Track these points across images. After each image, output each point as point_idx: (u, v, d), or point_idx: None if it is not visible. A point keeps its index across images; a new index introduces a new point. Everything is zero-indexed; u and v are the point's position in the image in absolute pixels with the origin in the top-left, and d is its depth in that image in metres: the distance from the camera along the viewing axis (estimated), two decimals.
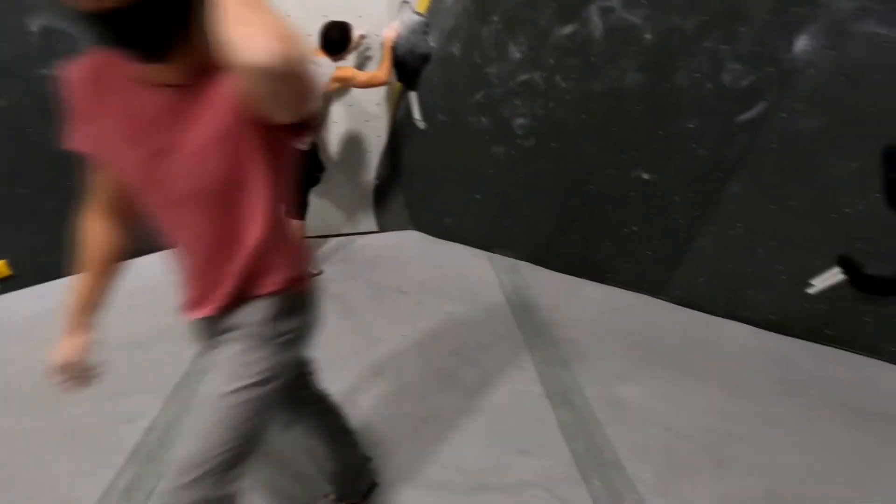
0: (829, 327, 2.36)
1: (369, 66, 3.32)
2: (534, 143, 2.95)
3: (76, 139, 0.96)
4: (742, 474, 1.73)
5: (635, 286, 2.88)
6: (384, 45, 3.04)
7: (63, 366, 1.10)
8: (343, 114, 3.57)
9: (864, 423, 1.96)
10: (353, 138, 3.69)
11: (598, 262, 2.98)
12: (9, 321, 2.64)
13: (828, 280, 2.15)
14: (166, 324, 2.59)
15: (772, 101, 2.15)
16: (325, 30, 2.81)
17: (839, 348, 2.36)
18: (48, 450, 1.82)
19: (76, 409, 1.98)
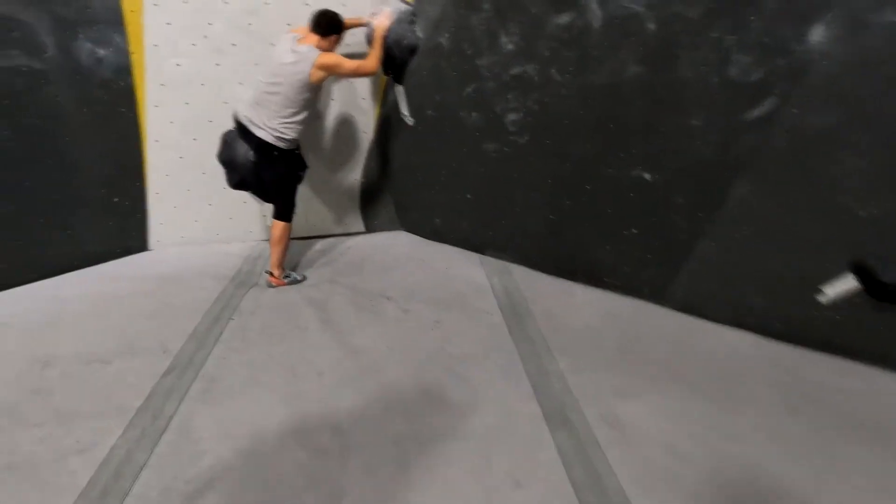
0: (838, 336, 2.23)
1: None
2: (527, 140, 2.78)
3: None
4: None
5: (634, 291, 2.73)
6: (375, 34, 2.85)
7: None
8: (328, 109, 3.38)
9: (876, 439, 1.83)
10: (339, 135, 3.50)
11: (595, 265, 2.83)
12: None
13: (840, 288, 2.02)
14: (131, 336, 2.41)
15: (782, 96, 2.00)
16: (314, 16, 2.67)
17: (849, 359, 2.23)
18: None
19: (22, 436, 1.79)
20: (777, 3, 1.89)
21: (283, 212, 2.95)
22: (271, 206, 3.26)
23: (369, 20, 2.97)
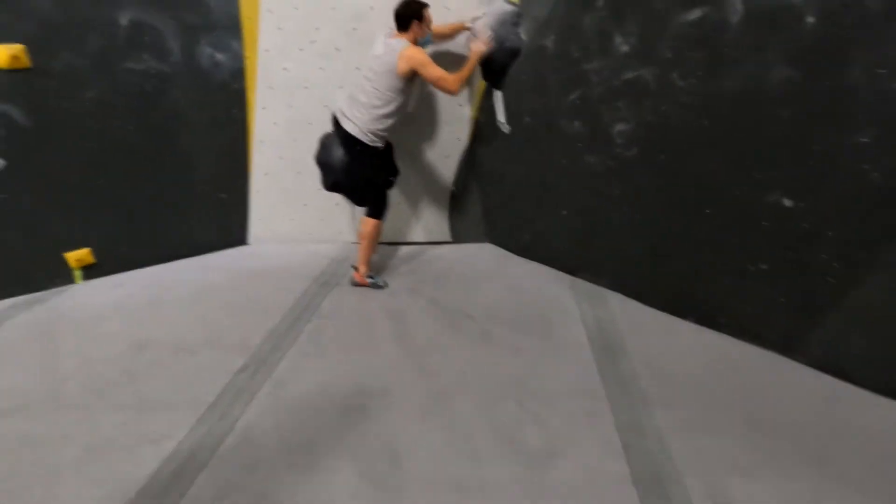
0: None
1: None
2: (636, 153, 2.46)
3: None
4: None
5: (758, 338, 2.28)
6: (471, 56, 2.74)
7: None
8: (422, 114, 3.31)
9: None
10: (433, 141, 3.41)
11: (709, 302, 2.41)
12: (79, 311, 2.69)
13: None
14: (218, 328, 2.49)
15: None
16: (396, 9, 2.65)
17: None
18: (66, 463, 1.70)
19: (109, 419, 1.88)
20: None
21: (373, 210, 2.95)
22: (363, 210, 3.26)
23: (472, 26, 2.84)
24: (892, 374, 1.92)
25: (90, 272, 3.04)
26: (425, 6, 2.63)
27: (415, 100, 3.01)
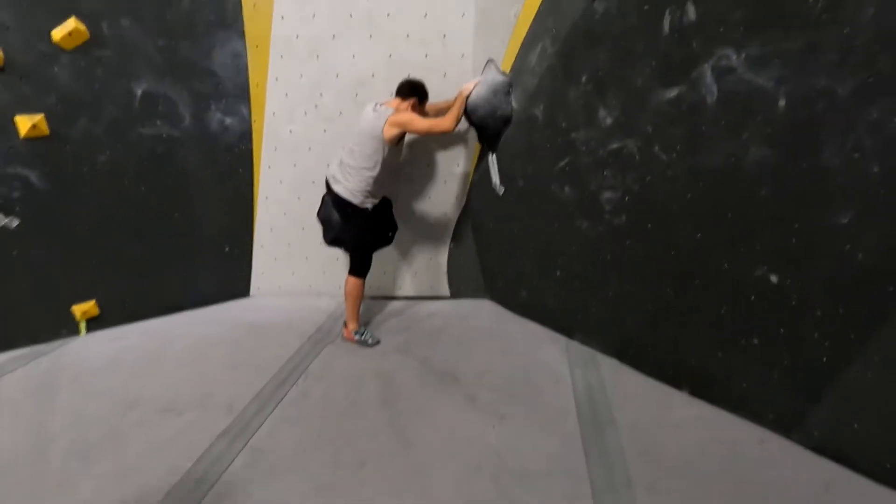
0: None
1: None
2: (624, 221, 2.46)
3: None
4: None
5: (753, 415, 2.19)
6: (459, 95, 2.86)
7: None
8: (421, 173, 3.40)
9: None
10: (432, 197, 3.49)
11: (703, 373, 2.34)
12: (78, 365, 2.76)
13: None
14: (207, 387, 2.52)
15: None
16: (402, 81, 2.83)
17: None
18: None
19: (87, 485, 1.89)
20: None
21: (355, 267, 3.01)
22: None
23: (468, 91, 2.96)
24: (891, 459, 1.81)
25: (94, 323, 3.12)
26: (427, 95, 2.83)
27: (403, 158, 3.11)
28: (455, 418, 2.29)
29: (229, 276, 3.55)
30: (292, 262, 3.63)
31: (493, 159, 3.08)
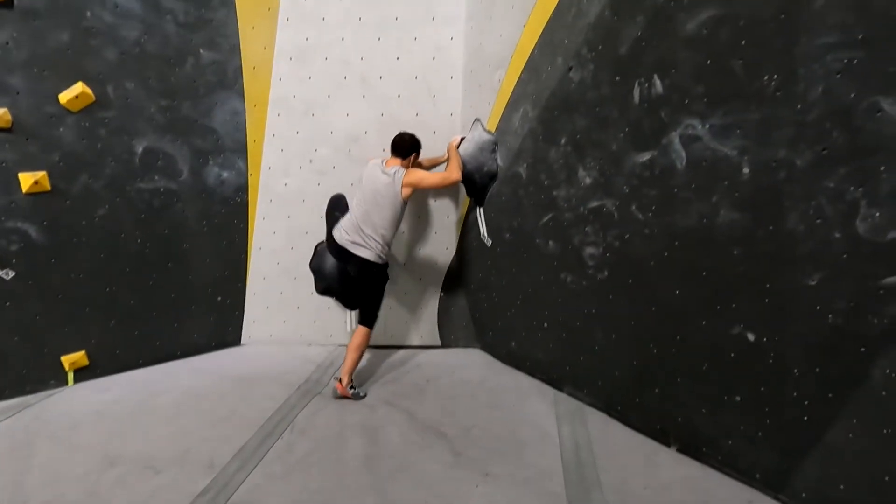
0: None
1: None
2: (606, 276, 2.52)
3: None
4: None
5: (742, 473, 2.16)
6: (450, 148, 3.03)
7: None
8: (412, 224, 3.48)
9: None
10: (423, 249, 3.56)
11: (690, 430, 2.33)
12: (62, 419, 2.74)
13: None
14: (189, 442, 2.49)
15: None
16: (394, 141, 2.94)
17: None
18: None
19: None
20: None
21: (369, 318, 3.06)
22: (353, 312, 3.42)
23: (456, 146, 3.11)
24: None
25: (83, 374, 3.12)
26: (421, 148, 2.97)
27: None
28: (439, 476, 2.26)
29: (221, 326, 3.57)
30: (284, 310, 3.66)
31: (480, 212, 3.18)
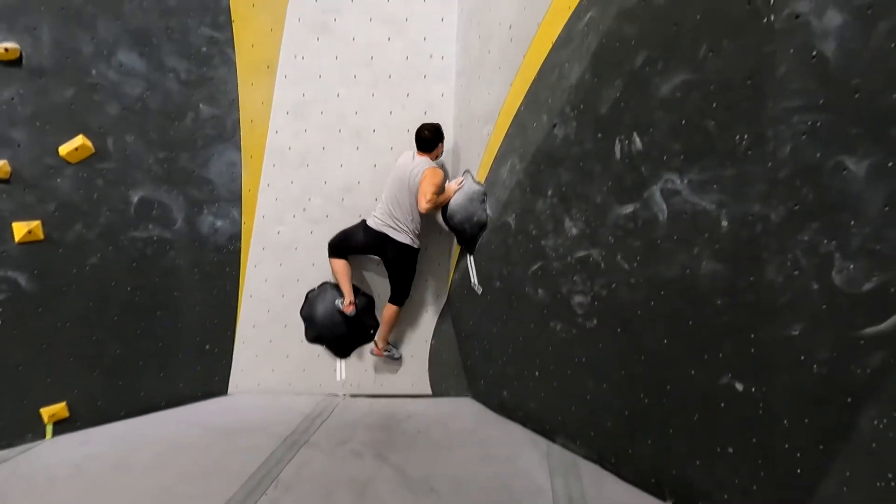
0: None
1: None
2: (595, 325, 2.53)
3: None
4: None
5: None
6: (446, 191, 3.17)
7: None
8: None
9: None
10: (413, 296, 3.57)
11: (685, 483, 2.28)
12: (37, 475, 2.64)
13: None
14: (170, 500, 2.40)
15: None
16: (418, 134, 3.19)
17: None
18: None
19: None
20: (882, 208, 1.58)
21: (398, 297, 3.38)
22: (343, 361, 3.57)
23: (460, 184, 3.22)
24: None
25: (63, 426, 3.03)
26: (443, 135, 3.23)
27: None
28: None
29: (207, 375, 3.51)
30: (273, 359, 3.61)
31: (471, 260, 3.22)
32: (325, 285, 3.54)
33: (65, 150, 2.81)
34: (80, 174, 2.89)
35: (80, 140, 2.83)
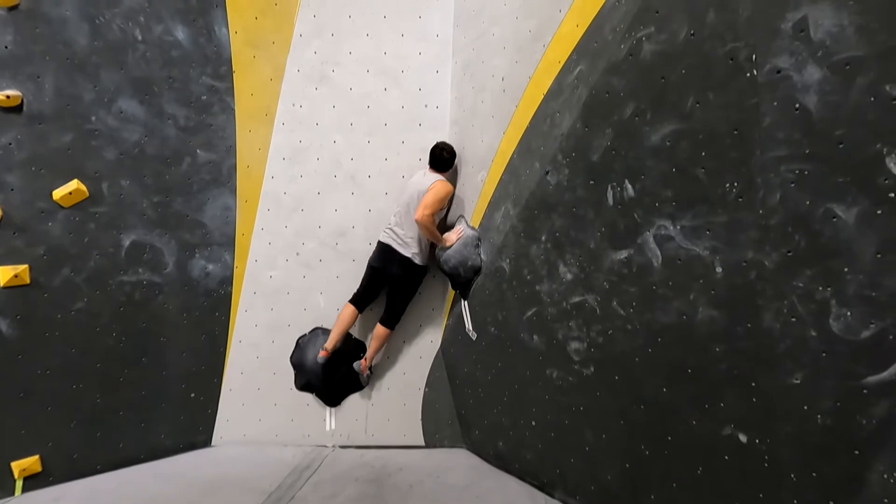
0: None
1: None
2: (593, 372, 2.48)
3: None
4: None
5: None
6: (445, 239, 3.17)
7: None
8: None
9: None
10: (405, 342, 3.51)
11: None
12: None
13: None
14: None
15: None
16: (433, 151, 3.25)
17: None
18: None
19: None
20: (875, 256, 1.58)
21: (390, 319, 3.35)
22: (333, 410, 3.44)
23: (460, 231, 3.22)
24: None
25: (33, 482, 2.86)
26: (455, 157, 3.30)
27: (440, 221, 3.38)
28: None
29: (191, 425, 3.37)
30: (260, 408, 3.48)
31: (465, 305, 3.19)
32: (317, 331, 3.47)
33: (59, 193, 2.80)
34: (72, 218, 2.87)
35: (74, 184, 2.83)
